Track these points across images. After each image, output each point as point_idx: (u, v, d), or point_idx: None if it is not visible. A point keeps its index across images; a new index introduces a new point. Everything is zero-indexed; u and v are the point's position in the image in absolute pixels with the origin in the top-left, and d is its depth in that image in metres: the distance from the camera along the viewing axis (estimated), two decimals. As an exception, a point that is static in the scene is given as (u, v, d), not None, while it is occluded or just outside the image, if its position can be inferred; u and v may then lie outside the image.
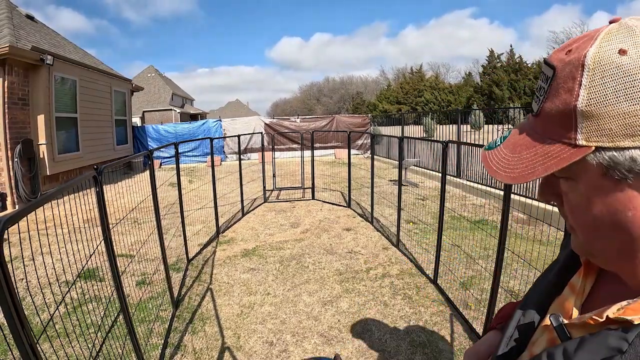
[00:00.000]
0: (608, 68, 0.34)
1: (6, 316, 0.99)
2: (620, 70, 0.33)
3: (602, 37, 0.36)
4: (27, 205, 1.18)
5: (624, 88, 0.33)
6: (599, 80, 0.34)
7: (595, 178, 0.37)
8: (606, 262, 0.43)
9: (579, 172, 0.38)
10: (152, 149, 2.97)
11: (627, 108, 0.33)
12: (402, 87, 49.70)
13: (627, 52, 0.33)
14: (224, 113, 43.11)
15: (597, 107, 0.35)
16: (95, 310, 2.94)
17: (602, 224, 0.39)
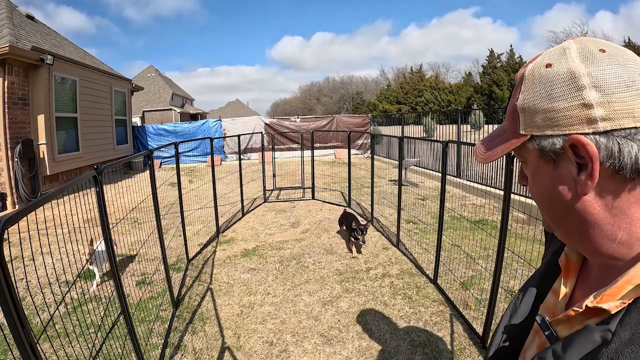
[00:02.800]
0: (536, 77, 0.45)
1: (6, 316, 0.99)
2: (544, 79, 0.44)
3: (542, 55, 0.47)
4: (27, 205, 1.18)
5: (545, 91, 0.44)
6: (530, 86, 0.46)
7: (535, 160, 0.48)
8: (566, 235, 0.50)
9: (526, 155, 0.49)
10: (152, 149, 2.97)
11: (547, 106, 0.43)
12: (402, 87, 49.70)
13: (552, 65, 0.44)
14: (224, 113, 43.14)
15: (528, 106, 0.46)
16: (95, 310, 2.94)
17: (546, 197, 0.48)
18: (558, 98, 0.42)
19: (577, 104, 0.41)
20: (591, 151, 0.41)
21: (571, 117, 0.42)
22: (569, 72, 0.42)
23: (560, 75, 0.43)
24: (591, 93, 0.40)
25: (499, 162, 6.37)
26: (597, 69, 0.41)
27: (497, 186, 6.31)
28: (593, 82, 0.41)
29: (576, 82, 0.41)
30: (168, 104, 29.82)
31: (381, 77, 59.08)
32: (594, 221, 0.44)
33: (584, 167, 0.42)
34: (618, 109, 0.40)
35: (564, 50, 0.44)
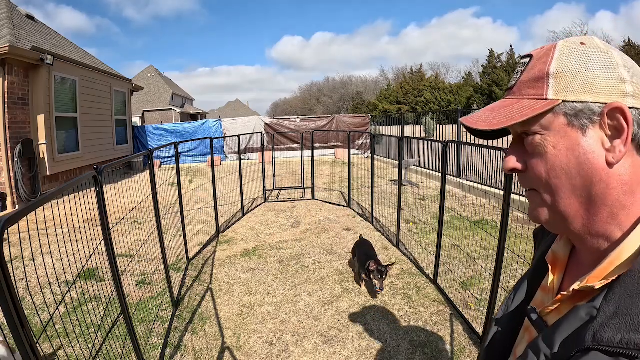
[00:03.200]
0: (573, 49, 0.47)
1: (6, 316, 0.99)
2: (580, 51, 0.46)
3: (567, 38, 0.50)
4: (27, 205, 1.18)
5: (584, 61, 0.45)
6: (566, 55, 0.47)
7: (562, 127, 0.46)
8: (566, 221, 0.48)
9: (550, 123, 0.47)
10: (152, 149, 2.97)
11: (587, 73, 0.45)
12: (402, 87, 49.70)
13: (586, 44, 0.47)
14: (224, 113, 43.13)
15: (565, 71, 0.46)
16: (95, 310, 2.94)
17: (568, 171, 0.46)
18: (597, 68, 0.45)
19: (615, 77, 0.44)
20: (630, 117, 0.43)
21: (611, 86, 0.44)
22: (604, 50, 0.46)
23: (596, 51, 0.46)
24: (623, 71, 0.44)
25: (498, 162, 6.37)
26: (622, 56, 0.46)
27: (497, 186, 6.30)
28: (624, 64, 0.45)
29: (611, 58, 0.45)
30: (168, 104, 29.82)
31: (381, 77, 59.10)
32: (609, 196, 0.45)
33: (614, 136, 0.44)
34: None
35: (590, 38, 0.48)
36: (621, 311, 0.38)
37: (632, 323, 0.37)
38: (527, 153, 0.50)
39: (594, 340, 0.38)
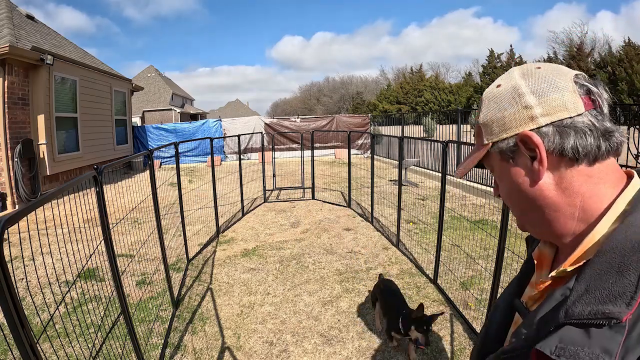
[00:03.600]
0: (490, 97, 0.57)
1: (6, 316, 0.99)
2: (495, 96, 0.56)
3: (495, 81, 0.59)
4: (27, 205, 1.18)
5: (497, 105, 0.55)
6: (486, 105, 0.57)
7: (498, 163, 0.57)
8: (536, 227, 0.57)
9: (492, 162, 0.58)
10: (152, 149, 2.97)
11: (499, 115, 0.55)
12: (402, 87, 49.70)
13: (501, 85, 0.56)
14: (224, 113, 43.12)
15: (485, 120, 0.57)
16: (95, 310, 2.94)
17: (512, 193, 0.57)
18: (506, 107, 0.54)
19: (520, 108, 0.52)
20: (536, 140, 0.50)
21: (517, 119, 0.53)
22: (513, 87, 0.54)
23: (507, 90, 0.55)
24: (530, 97, 0.52)
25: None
26: (534, 79, 0.53)
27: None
28: (531, 89, 0.52)
29: (518, 92, 0.53)
30: (168, 104, 29.82)
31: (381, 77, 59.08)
32: (553, 204, 0.52)
33: (533, 158, 0.52)
34: (553, 105, 0.50)
35: (509, 73, 0.57)
36: (591, 288, 0.43)
37: (600, 296, 0.42)
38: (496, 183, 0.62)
39: (566, 316, 0.43)
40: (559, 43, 37.13)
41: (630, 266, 0.42)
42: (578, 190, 0.51)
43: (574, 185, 0.51)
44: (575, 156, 0.50)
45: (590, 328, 0.41)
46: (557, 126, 0.50)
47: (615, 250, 0.44)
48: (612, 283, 0.42)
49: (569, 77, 0.52)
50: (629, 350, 0.39)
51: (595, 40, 34.24)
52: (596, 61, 32.51)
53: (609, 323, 0.40)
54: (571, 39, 35.72)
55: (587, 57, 33.45)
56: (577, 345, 0.41)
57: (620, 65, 29.11)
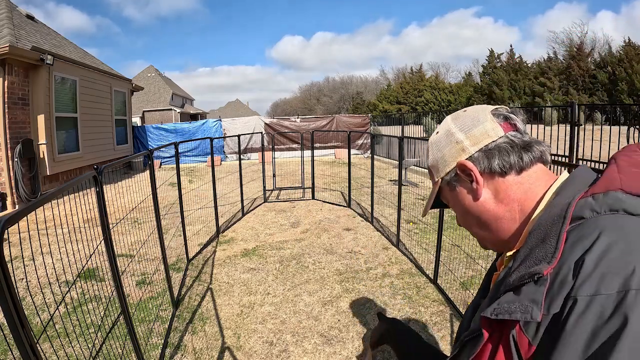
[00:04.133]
0: (432, 143, 0.71)
1: (6, 316, 0.99)
2: (435, 142, 0.70)
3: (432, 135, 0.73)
4: (27, 205, 1.18)
5: (437, 148, 0.69)
6: (430, 150, 0.72)
7: (449, 194, 0.69)
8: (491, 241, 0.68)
9: (446, 195, 0.71)
10: (152, 149, 2.97)
11: (440, 155, 0.68)
12: (402, 87, 49.66)
13: (439, 132, 0.70)
14: (224, 113, 43.12)
15: (432, 162, 0.71)
16: (95, 310, 2.94)
17: (464, 216, 0.69)
18: (443, 147, 0.68)
19: (453, 144, 0.66)
20: (469, 166, 0.63)
21: (453, 153, 0.66)
22: (446, 130, 0.68)
23: (442, 134, 0.69)
24: (459, 134, 0.65)
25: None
26: (460, 120, 0.67)
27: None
28: (459, 128, 0.66)
29: (450, 132, 0.67)
30: (168, 104, 29.82)
31: (381, 77, 59.04)
32: (495, 215, 0.63)
33: (471, 180, 0.64)
34: (477, 135, 0.63)
35: (444, 121, 0.71)
36: (523, 260, 0.52)
37: (529, 264, 0.51)
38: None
39: (504, 287, 0.53)
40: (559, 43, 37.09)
41: (550, 234, 0.51)
42: (513, 197, 0.61)
43: (509, 194, 0.62)
44: (502, 171, 0.61)
45: (522, 287, 0.50)
46: (484, 151, 0.62)
47: (540, 227, 0.54)
48: (537, 251, 0.51)
49: (487, 111, 0.65)
50: (553, 299, 0.45)
51: (595, 40, 34.23)
52: (596, 61, 32.48)
53: (535, 279, 0.48)
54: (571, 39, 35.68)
55: (587, 57, 33.42)
56: (510, 302, 0.49)
57: (620, 65, 29.09)
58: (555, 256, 0.48)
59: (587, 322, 0.42)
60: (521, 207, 0.61)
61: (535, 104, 29.84)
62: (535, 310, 0.46)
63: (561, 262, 0.47)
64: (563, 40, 36.61)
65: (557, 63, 35.61)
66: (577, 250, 0.46)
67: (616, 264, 0.43)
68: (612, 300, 0.41)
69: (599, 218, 0.49)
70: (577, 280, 0.44)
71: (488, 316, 0.51)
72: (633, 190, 0.50)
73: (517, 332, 0.48)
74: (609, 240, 0.45)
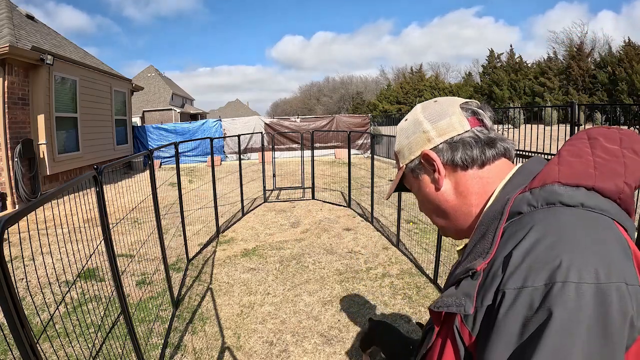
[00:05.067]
0: (401, 129, 0.72)
1: (6, 316, 0.99)
2: (403, 128, 0.71)
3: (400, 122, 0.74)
4: (27, 205, 1.18)
5: (404, 134, 0.70)
6: (397, 136, 0.73)
7: (412, 179, 0.72)
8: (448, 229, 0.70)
9: (409, 181, 0.73)
10: (152, 149, 2.97)
11: (406, 142, 0.70)
12: (402, 87, 49.66)
13: (407, 119, 0.71)
14: (224, 113, 43.12)
15: (398, 148, 0.73)
16: (95, 310, 2.94)
17: (424, 203, 0.72)
18: (410, 135, 0.69)
19: (419, 133, 0.67)
20: (433, 156, 0.64)
21: (419, 142, 0.67)
22: (414, 118, 0.69)
23: (410, 122, 0.70)
24: (426, 124, 0.66)
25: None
26: (429, 110, 0.67)
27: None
28: (427, 118, 0.66)
29: (418, 121, 0.68)
30: (168, 104, 29.81)
31: (381, 77, 59.00)
32: (454, 207, 0.65)
33: (434, 170, 0.65)
34: (444, 127, 0.64)
35: (414, 109, 0.71)
36: (467, 255, 0.56)
37: (470, 259, 0.54)
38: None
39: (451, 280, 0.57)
40: (559, 43, 37.04)
41: (489, 230, 0.53)
42: (472, 190, 0.63)
43: (469, 187, 0.63)
44: (464, 164, 0.63)
45: (461, 282, 0.53)
46: (449, 143, 0.63)
47: (483, 222, 0.57)
48: (478, 247, 0.53)
49: (457, 104, 0.66)
50: (486, 292, 0.48)
51: (595, 40, 34.18)
52: (596, 61, 32.45)
53: (471, 275, 0.51)
54: (571, 39, 35.63)
55: (587, 57, 33.39)
56: (449, 296, 0.53)
57: (620, 65, 29.07)
58: (489, 252, 0.50)
59: (517, 313, 0.44)
60: (477, 201, 0.62)
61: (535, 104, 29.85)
62: (468, 303, 0.49)
63: (495, 257, 0.49)
64: (563, 40, 36.59)
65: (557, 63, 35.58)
66: (509, 245, 0.48)
67: (543, 257, 0.44)
68: (539, 293, 0.43)
69: (535, 212, 0.50)
70: (505, 273, 0.46)
71: (432, 309, 0.55)
72: (570, 180, 0.51)
73: (459, 323, 0.51)
74: (538, 234, 0.47)
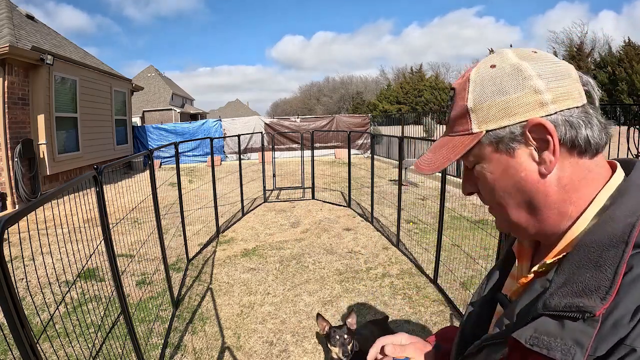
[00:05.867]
0: (484, 77, 0.49)
1: (6, 316, 0.99)
2: (490, 78, 0.49)
3: (481, 62, 0.52)
4: (27, 205, 1.18)
5: (495, 87, 0.48)
6: (479, 86, 0.49)
7: (492, 154, 0.50)
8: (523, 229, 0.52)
9: (481, 153, 0.51)
10: (152, 149, 2.97)
11: (500, 98, 0.47)
12: (402, 87, 49.66)
13: (496, 66, 0.49)
14: (224, 113, 43.12)
15: (480, 103, 0.49)
16: (95, 310, 2.94)
17: (508, 191, 0.50)
18: (510, 89, 0.47)
19: (528, 91, 0.46)
20: (551, 129, 0.45)
21: (526, 103, 0.46)
22: (514, 67, 0.48)
23: (506, 71, 0.48)
24: (538, 81, 0.46)
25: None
26: (538, 63, 0.47)
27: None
28: (537, 72, 0.46)
29: (522, 74, 0.47)
30: (168, 104, 29.81)
31: (381, 77, 59.01)
32: (552, 203, 0.48)
33: (542, 148, 0.47)
34: (561, 92, 0.46)
35: (501, 54, 0.50)
36: (568, 281, 0.43)
37: (576, 289, 0.41)
38: (476, 178, 0.54)
39: (544, 307, 0.43)
40: (559, 43, 37.12)
41: (607, 261, 0.41)
42: (577, 185, 0.47)
43: (575, 181, 0.47)
44: (584, 148, 0.46)
45: (565, 320, 0.41)
46: (564, 116, 0.46)
47: (593, 244, 0.43)
48: (588, 277, 0.41)
49: (571, 66, 0.48)
50: (600, 342, 0.39)
51: (595, 40, 34.20)
52: (596, 61, 32.47)
53: (583, 316, 0.40)
54: (571, 39, 35.68)
55: (587, 57, 33.42)
56: (550, 335, 0.41)
57: (620, 65, 29.08)
58: (610, 293, 0.39)
59: None
60: (578, 203, 0.48)
61: (535, 104, 29.77)
62: (579, 354, 0.39)
63: (617, 300, 0.39)
64: (563, 40, 36.63)
65: (557, 63, 35.58)
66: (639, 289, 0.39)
67: None
68: None
69: None
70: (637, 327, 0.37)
71: (523, 343, 0.43)
72: None
73: None
74: None
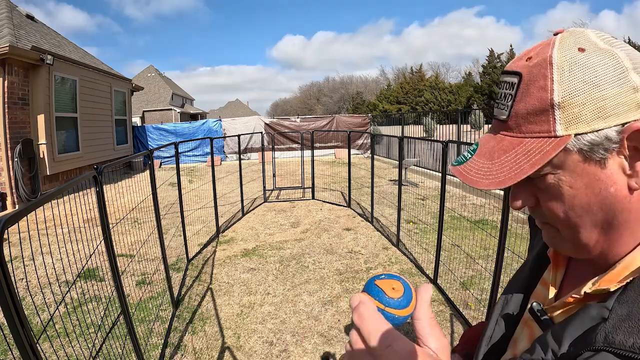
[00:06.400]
0: (573, 63, 0.38)
1: (6, 316, 0.99)
2: (582, 64, 0.38)
3: (559, 42, 0.40)
4: (27, 205, 1.18)
5: (589, 79, 0.37)
6: (567, 74, 0.38)
7: (578, 164, 0.40)
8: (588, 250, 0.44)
9: (561, 162, 0.40)
10: (152, 149, 2.97)
11: (596, 94, 0.37)
12: (402, 86, 49.67)
13: (585, 50, 0.38)
14: (224, 113, 43.13)
15: (571, 97, 0.38)
16: (95, 310, 2.94)
17: (588, 209, 0.41)
18: (607, 84, 0.37)
19: (628, 88, 0.37)
20: None
21: (623, 103, 0.37)
22: (608, 54, 0.38)
23: (600, 58, 0.38)
24: (634, 76, 0.37)
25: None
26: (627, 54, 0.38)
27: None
28: (631, 64, 0.37)
29: (619, 64, 0.37)
30: (168, 104, 29.81)
31: (381, 77, 59.06)
32: (632, 220, 0.40)
33: (635, 158, 0.38)
34: None
35: (583, 33, 0.40)
36: (634, 314, 0.36)
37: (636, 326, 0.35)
38: (538, 189, 0.43)
39: (606, 342, 0.36)
40: (559, 43, 37.14)
41: None
42: None
43: None
44: None
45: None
46: None
47: None
48: None
49: None
50: None
51: (595, 40, 34.29)
52: (596, 61, 32.54)
53: None
54: (571, 39, 35.76)
55: (587, 57, 33.49)
56: None
57: (620, 65, 29.18)
58: None
59: None
60: None
61: (535, 104, 29.76)
62: None
63: None
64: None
65: (557, 63, 35.60)
66: None
67: None
68: None
69: None
70: None
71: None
72: None
73: None
74: None
